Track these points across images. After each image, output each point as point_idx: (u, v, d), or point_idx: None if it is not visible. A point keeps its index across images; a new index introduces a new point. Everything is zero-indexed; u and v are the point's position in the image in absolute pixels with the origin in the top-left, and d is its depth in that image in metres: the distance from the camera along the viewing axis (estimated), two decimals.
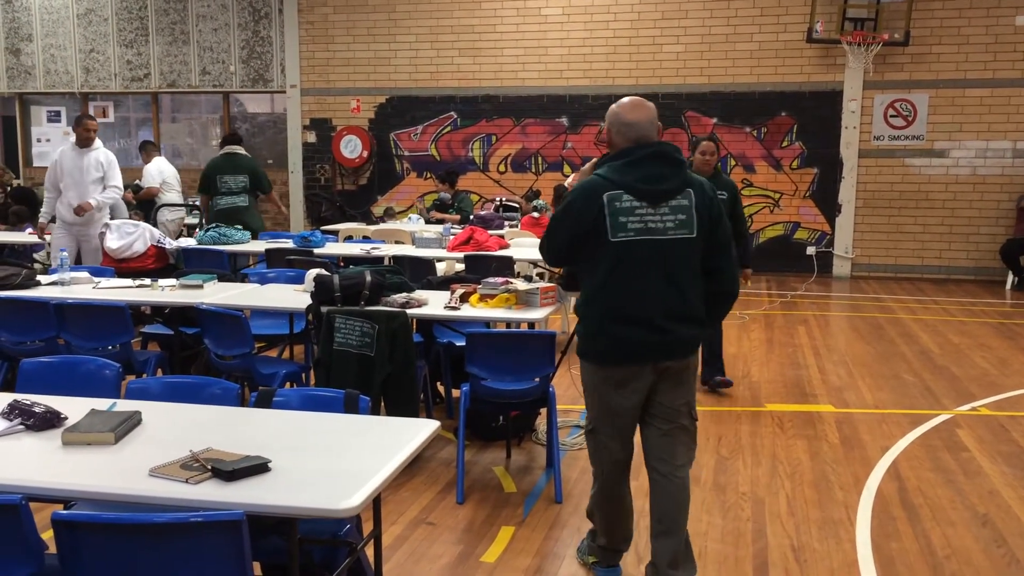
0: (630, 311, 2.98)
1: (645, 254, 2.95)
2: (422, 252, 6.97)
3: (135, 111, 13.55)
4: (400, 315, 4.37)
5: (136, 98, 13.21)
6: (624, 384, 3.05)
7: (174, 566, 1.99)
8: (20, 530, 2.06)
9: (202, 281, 5.27)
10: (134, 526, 1.95)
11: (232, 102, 12.96)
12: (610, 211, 2.94)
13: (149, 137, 12.51)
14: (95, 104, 13.13)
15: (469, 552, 3.54)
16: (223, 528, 1.98)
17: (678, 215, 2.97)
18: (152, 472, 2.26)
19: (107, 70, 12.68)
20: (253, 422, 2.79)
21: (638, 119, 3.01)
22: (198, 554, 1.99)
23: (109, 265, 6.28)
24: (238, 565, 2.00)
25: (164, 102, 13.26)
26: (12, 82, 12.90)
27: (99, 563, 2.00)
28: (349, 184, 12.36)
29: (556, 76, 11.60)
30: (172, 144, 13.25)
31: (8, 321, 4.77)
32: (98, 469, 2.33)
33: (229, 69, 12.39)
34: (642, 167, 2.97)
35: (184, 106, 13.52)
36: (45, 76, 12.77)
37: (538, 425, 4.90)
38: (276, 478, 2.27)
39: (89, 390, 3.06)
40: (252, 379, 4.51)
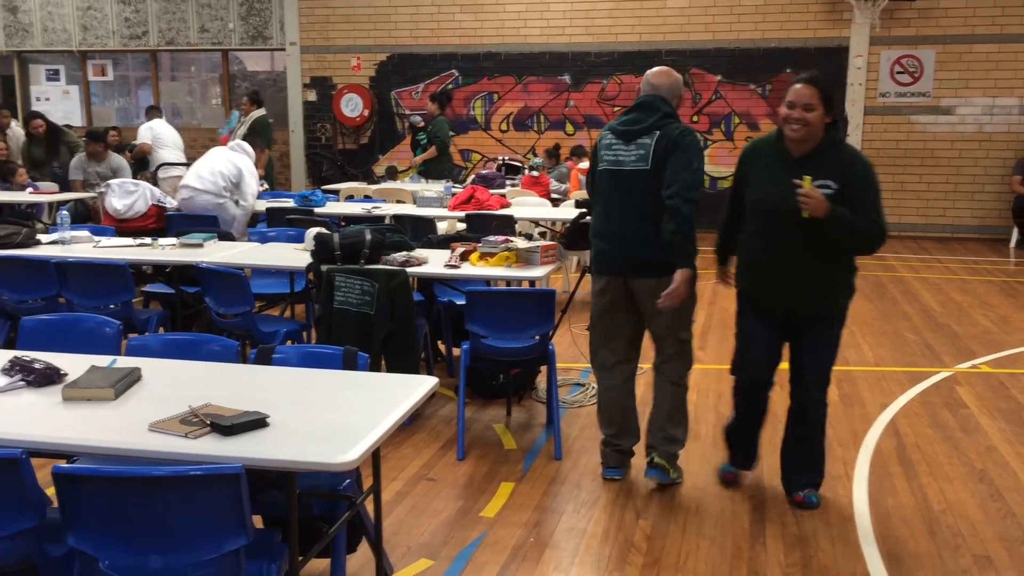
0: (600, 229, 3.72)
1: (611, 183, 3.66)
2: (423, 211, 6.95)
3: (134, 70, 13.44)
4: (400, 273, 4.37)
5: (135, 56, 13.09)
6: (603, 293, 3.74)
7: (174, 519, 2.01)
8: (21, 484, 2.08)
9: (202, 240, 5.27)
10: (134, 479, 1.97)
11: (232, 60, 12.85)
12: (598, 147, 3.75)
13: (148, 97, 12.44)
14: (93, 63, 13.02)
15: (469, 507, 3.58)
16: (222, 481, 2.00)
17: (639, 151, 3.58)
18: (152, 427, 2.28)
19: (105, 28, 12.55)
20: (252, 378, 2.80)
21: (642, 85, 3.75)
22: (198, 507, 2.01)
23: (110, 224, 6.28)
24: (238, 517, 2.02)
25: (163, 60, 13.15)
26: (10, 40, 12.79)
27: (99, 516, 2.02)
28: (350, 143, 12.29)
29: (558, 33, 11.47)
30: (172, 103, 13.15)
31: (10, 279, 4.79)
32: (98, 424, 2.35)
33: (228, 26, 12.26)
34: (627, 114, 3.71)
35: (183, 64, 13.41)
36: (43, 34, 12.65)
37: (538, 383, 4.92)
38: (275, 433, 2.28)
39: (89, 347, 3.07)
40: (253, 337, 4.53)
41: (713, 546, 3.29)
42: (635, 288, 3.65)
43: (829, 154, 3.32)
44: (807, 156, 3.32)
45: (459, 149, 11.75)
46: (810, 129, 3.28)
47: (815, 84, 3.30)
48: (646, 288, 3.61)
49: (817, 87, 3.29)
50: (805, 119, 3.25)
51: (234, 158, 6.62)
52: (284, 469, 2.18)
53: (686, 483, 3.81)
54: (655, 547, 3.27)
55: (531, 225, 7.61)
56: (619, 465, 3.84)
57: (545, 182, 8.82)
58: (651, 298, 3.58)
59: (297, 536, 2.24)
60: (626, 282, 3.66)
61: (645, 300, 3.64)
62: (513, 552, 3.23)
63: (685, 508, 3.59)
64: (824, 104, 3.27)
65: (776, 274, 3.40)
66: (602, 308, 3.78)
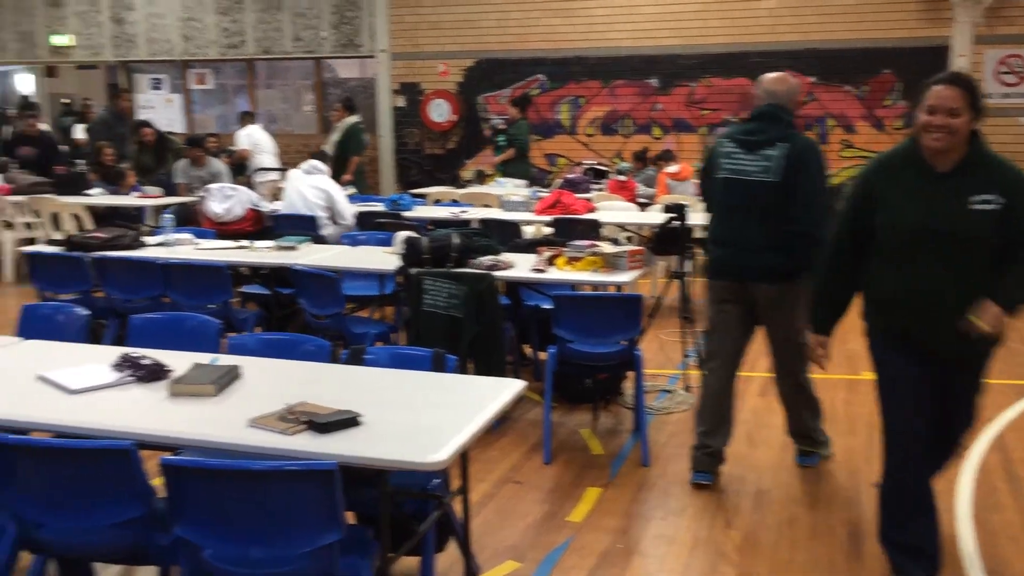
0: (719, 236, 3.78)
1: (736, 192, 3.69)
2: (509, 215, 6.99)
3: (232, 78, 13.91)
4: (487, 277, 4.41)
5: (233, 65, 13.54)
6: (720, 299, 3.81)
7: (272, 512, 2.07)
8: (131, 473, 2.17)
9: (297, 243, 5.43)
10: (235, 472, 2.04)
11: (324, 68, 13.18)
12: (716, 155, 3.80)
13: (245, 104, 12.85)
14: (194, 71, 13.53)
15: (555, 511, 3.58)
16: (317, 477, 2.05)
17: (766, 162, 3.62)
18: (251, 423, 2.36)
19: (205, 38, 13.02)
20: (345, 378, 2.87)
21: (756, 89, 3.83)
22: (294, 501, 2.07)
23: (210, 227, 6.51)
24: (332, 513, 2.07)
25: (259, 68, 13.56)
26: (117, 50, 13.38)
27: (203, 507, 2.10)
28: (437, 148, 12.44)
29: (646, 35, 11.37)
30: (267, 110, 13.55)
31: (119, 279, 5.02)
32: (201, 419, 2.44)
33: (321, 35, 12.57)
34: (746, 123, 3.79)
35: (278, 72, 13.80)
36: (147, 45, 13.20)
37: (624, 389, 4.89)
38: (367, 431, 2.33)
39: (192, 345, 3.19)
40: (345, 338, 4.63)
41: (808, 560, 3.20)
42: (755, 293, 3.71)
43: (981, 167, 2.84)
44: (956, 170, 2.83)
45: (545, 153, 11.76)
46: (955, 138, 2.78)
47: (960, 85, 2.80)
48: (766, 294, 3.69)
49: (962, 88, 2.79)
50: (950, 126, 2.76)
51: (315, 182, 6.75)
52: (376, 467, 2.22)
53: (780, 494, 3.73)
54: (746, 559, 3.21)
55: (617, 230, 7.56)
56: (708, 470, 3.81)
57: (631, 186, 8.75)
58: (771, 303, 3.69)
59: (389, 533, 2.28)
60: (745, 287, 3.71)
61: (765, 305, 3.72)
62: (600, 558, 3.21)
63: (779, 520, 3.51)
64: (971, 108, 2.78)
65: (932, 307, 2.85)
66: (717, 312, 3.83)
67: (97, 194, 8.61)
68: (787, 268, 3.63)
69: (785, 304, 3.69)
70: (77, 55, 13.27)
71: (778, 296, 3.67)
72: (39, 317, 3.70)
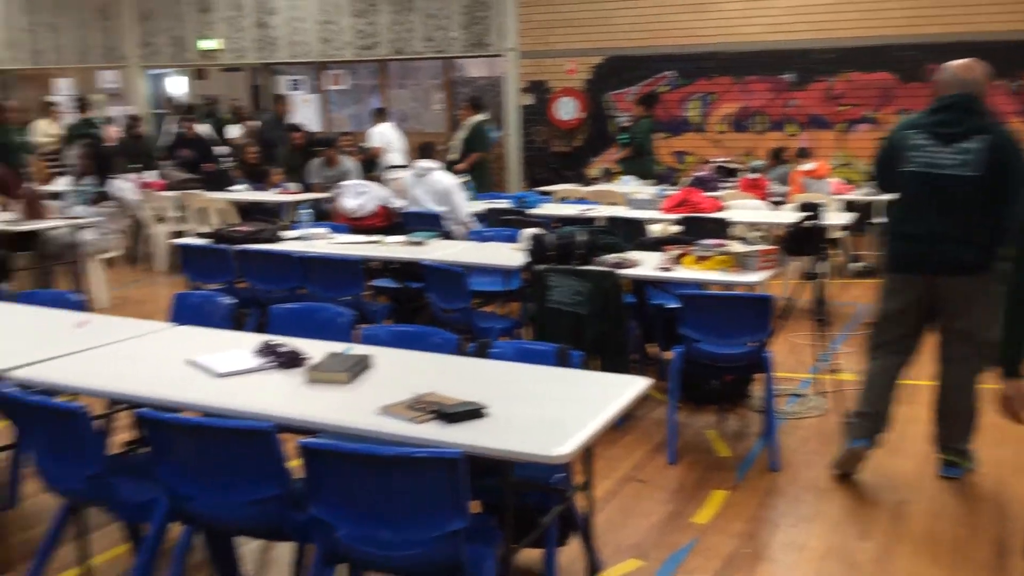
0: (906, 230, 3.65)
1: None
2: (635, 213, 6.93)
3: (365, 78, 14.35)
4: (612, 275, 4.39)
5: (366, 66, 13.98)
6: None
7: (400, 496, 2.14)
8: (270, 454, 2.29)
9: (425, 239, 5.56)
10: (367, 456, 2.12)
11: (454, 67, 13.42)
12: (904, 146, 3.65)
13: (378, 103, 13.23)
14: (330, 72, 14.04)
15: (679, 512, 3.53)
16: (444, 465, 2.10)
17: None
18: (381, 410, 2.43)
19: (341, 39, 13.48)
20: (471, 371, 2.92)
21: (941, 77, 3.67)
22: (422, 487, 2.13)
23: (343, 223, 6.75)
24: (457, 500, 2.11)
25: (391, 68, 13.94)
26: (260, 53, 14.03)
27: (336, 488, 2.19)
28: (563, 146, 12.46)
29: (780, 30, 11.03)
30: (399, 109, 13.92)
31: (260, 271, 5.28)
32: (334, 405, 2.54)
33: (450, 35, 12.81)
34: (935, 113, 3.62)
35: (409, 72, 14.15)
36: (288, 47, 13.79)
37: (753, 391, 4.77)
38: (492, 423, 2.37)
39: (326, 334, 3.31)
40: (471, 331, 4.71)
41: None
42: (940, 287, 3.62)
43: None
44: None
45: (673, 151, 11.60)
46: None
47: None
48: (955, 287, 3.60)
49: None
50: None
51: (430, 183, 6.87)
52: (501, 458, 2.25)
53: (920, 506, 3.55)
54: (881, 572, 3.08)
55: (748, 229, 7.37)
56: (867, 436, 3.75)
57: (763, 185, 8.51)
58: (958, 297, 3.60)
59: (512, 524, 2.31)
60: (931, 281, 3.63)
61: (950, 299, 3.62)
62: (726, 561, 3.15)
63: (917, 533, 3.35)
64: None
65: None
66: (893, 306, 3.75)
67: (241, 190, 9.07)
68: (979, 262, 3.54)
69: (972, 298, 3.58)
70: (224, 58, 14.00)
71: (967, 290, 3.57)
72: (189, 305, 3.93)
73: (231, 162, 10.42)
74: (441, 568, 2.24)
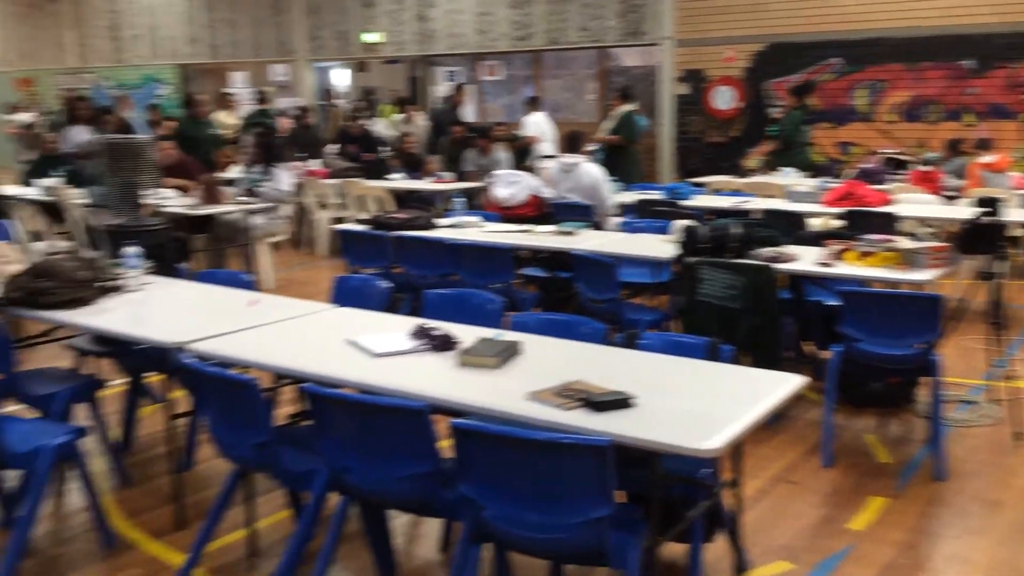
0: None
1: None
2: (794, 206, 6.68)
3: (519, 69, 14.51)
4: (767, 269, 4.26)
5: (520, 56, 14.12)
6: None
7: (547, 480, 2.16)
8: (423, 432, 2.37)
9: (575, 228, 5.57)
10: (516, 440, 2.15)
11: (608, 56, 13.36)
12: None
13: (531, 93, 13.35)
14: (485, 63, 14.27)
15: (833, 516, 3.39)
16: (591, 452, 2.11)
17: None
18: (530, 396, 2.46)
19: (497, 31, 13.68)
20: (619, 361, 2.91)
21: None
22: (568, 472, 2.14)
23: (495, 211, 6.86)
24: (603, 488, 2.12)
25: (545, 59, 14.03)
26: (419, 45, 14.44)
27: (484, 468, 2.24)
28: (719, 136, 12.16)
29: (958, 13, 10.32)
30: (552, 99, 13.99)
31: (414, 257, 5.46)
32: (484, 388, 2.59)
33: (606, 24, 12.74)
34: None
35: (563, 62, 14.19)
36: (446, 39, 14.11)
37: (918, 396, 4.51)
38: (639, 413, 2.35)
39: (477, 320, 3.39)
40: (619, 322, 4.69)
41: None
42: None
43: None
44: None
45: (837, 141, 11.10)
46: None
47: None
48: None
49: None
50: None
51: (576, 177, 6.84)
52: (648, 449, 2.23)
53: None
54: None
55: (918, 224, 6.96)
56: None
57: (937, 178, 8.01)
58: None
59: (658, 516, 2.29)
60: None
61: None
62: (882, 571, 3.00)
63: None
64: None
65: None
66: None
67: (398, 179, 9.38)
68: None
69: None
70: (385, 51, 14.50)
71: None
72: (349, 288, 4.11)
73: (390, 152, 10.79)
74: (585, 554, 2.26)
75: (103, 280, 3.79)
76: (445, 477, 2.40)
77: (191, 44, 16.20)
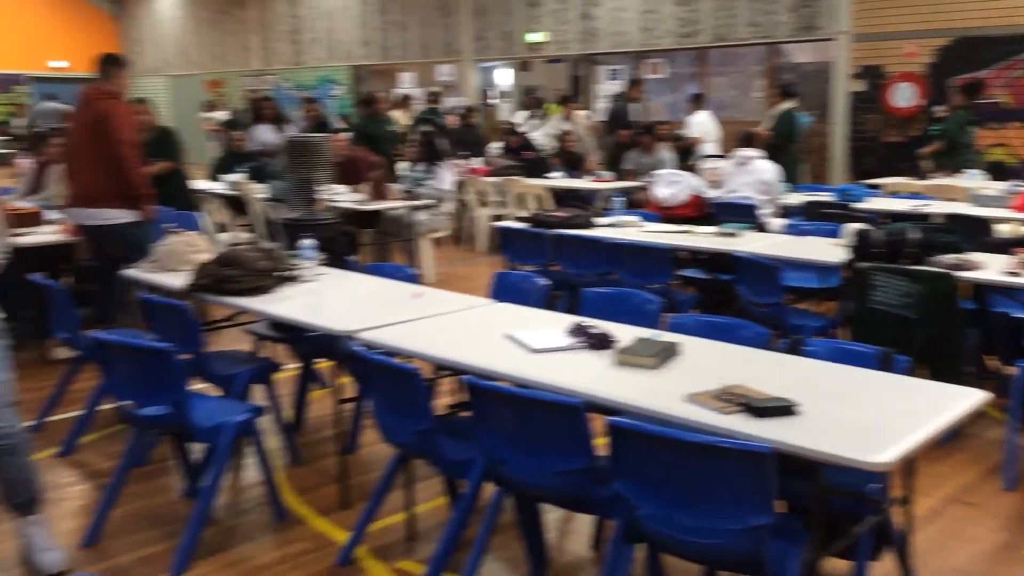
0: None
1: None
2: (980, 211, 6.23)
3: (683, 66, 14.28)
4: (947, 277, 4.01)
5: (684, 54, 13.88)
6: None
7: (704, 484, 2.13)
8: (578, 429, 2.38)
9: (738, 230, 5.43)
10: (675, 441, 2.13)
11: (778, 52, 12.92)
12: None
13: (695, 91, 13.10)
14: (649, 61, 14.13)
15: (1016, 543, 3.15)
16: (751, 458, 2.05)
17: None
18: (688, 398, 2.43)
19: (662, 28, 13.51)
20: (782, 367, 2.82)
21: None
22: (726, 478, 2.10)
23: (655, 211, 6.79)
24: (762, 496, 2.06)
25: (711, 56, 13.74)
26: (583, 44, 14.47)
27: (640, 468, 2.23)
28: (897, 135, 11.51)
29: None
30: (717, 97, 13.68)
31: (572, 255, 5.49)
32: (641, 388, 2.57)
33: (778, 19, 12.32)
34: None
35: (729, 59, 13.85)
36: (610, 37, 14.07)
37: None
38: (803, 422, 2.27)
39: (634, 319, 3.37)
40: (782, 327, 4.53)
41: None
42: None
43: None
44: None
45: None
46: None
47: None
48: None
49: None
50: None
51: (750, 173, 6.65)
52: (812, 459, 2.15)
53: None
54: None
55: None
56: None
57: None
58: None
59: (821, 529, 2.20)
60: None
61: None
62: None
63: None
64: None
65: None
66: None
67: (557, 177, 9.45)
68: None
69: None
70: (548, 50, 14.62)
71: None
72: (508, 284, 4.18)
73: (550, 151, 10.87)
74: (742, 562, 2.20)
75: (281, 270, 4.04)
76: (599, 474, 2.41)
77: (364, 46, 16.94)
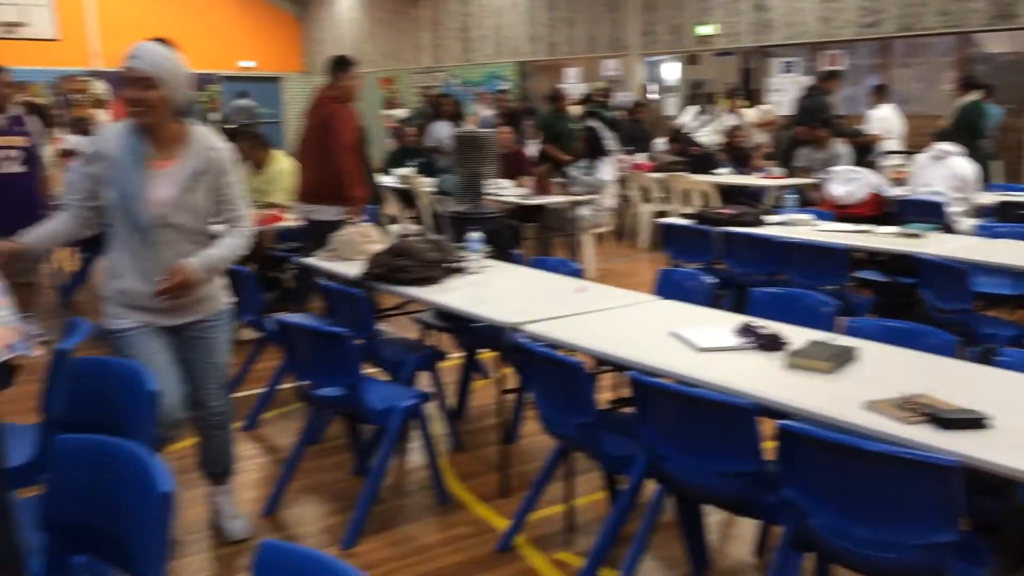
0: None
1: None
2: None
3: (864, 58, 13.58)
4: None
5: (865, 45, 13.20)
6: None
7: (883, 496, 2.02)
8: (747, 431, 2.32)
9: (923, 231, 5.13)
10: (852, 449, 2.03)
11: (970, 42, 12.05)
12: None
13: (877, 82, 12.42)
14: (827, 53, 13.52)
15: None
16: (936, 471, 1.93)
17: None
18: (867, 405, 2.31)
19: (842, 18, 12.89)
20: (971, 377, 2.65)
21: None
22: (908, 491, 1.99)
23: (829, 210, 6.50)
24: (948, 512, 1.94)
25: (895, 47, 12.99)
26: (755, 36, 14.03)
27: (813, 475, 2.14)
28: None
29: None
30: (900, 90, 12.93)
31: (739, 254, 5.34)
32: (814, 393, 2.47)
33: (971, 6, 11.49)
34: None
35: (915, 50, 13.05)
36: (784, 28, 13.57)
37: None
38: (995, 436, 2.13)
39: (807, 321, 3.24)
40: (970, 335, 4.24)
41: None
42: None
43: None
44: None
45: None
46: None
47: None
48: None
49: None
50: None
51: (944, 168, 6.24)
52: (1004, 475, 2.00)
53: None
54: None
55: None
56: None
57: None
58: None
59: (1012, 550, 2.05)
60: None
61: None
62: None
63: None
64: None
65: None
66: None
67: (724, 173, 9.22)
68: None
69: None
70: (718, 43, 14.28)
71: None
72: (672, 281, 4.12)
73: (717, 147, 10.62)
74: None
75: (450, 261, 4.16)
76: (767, 479, 2.34)
77: (531, 42, 17.14)
